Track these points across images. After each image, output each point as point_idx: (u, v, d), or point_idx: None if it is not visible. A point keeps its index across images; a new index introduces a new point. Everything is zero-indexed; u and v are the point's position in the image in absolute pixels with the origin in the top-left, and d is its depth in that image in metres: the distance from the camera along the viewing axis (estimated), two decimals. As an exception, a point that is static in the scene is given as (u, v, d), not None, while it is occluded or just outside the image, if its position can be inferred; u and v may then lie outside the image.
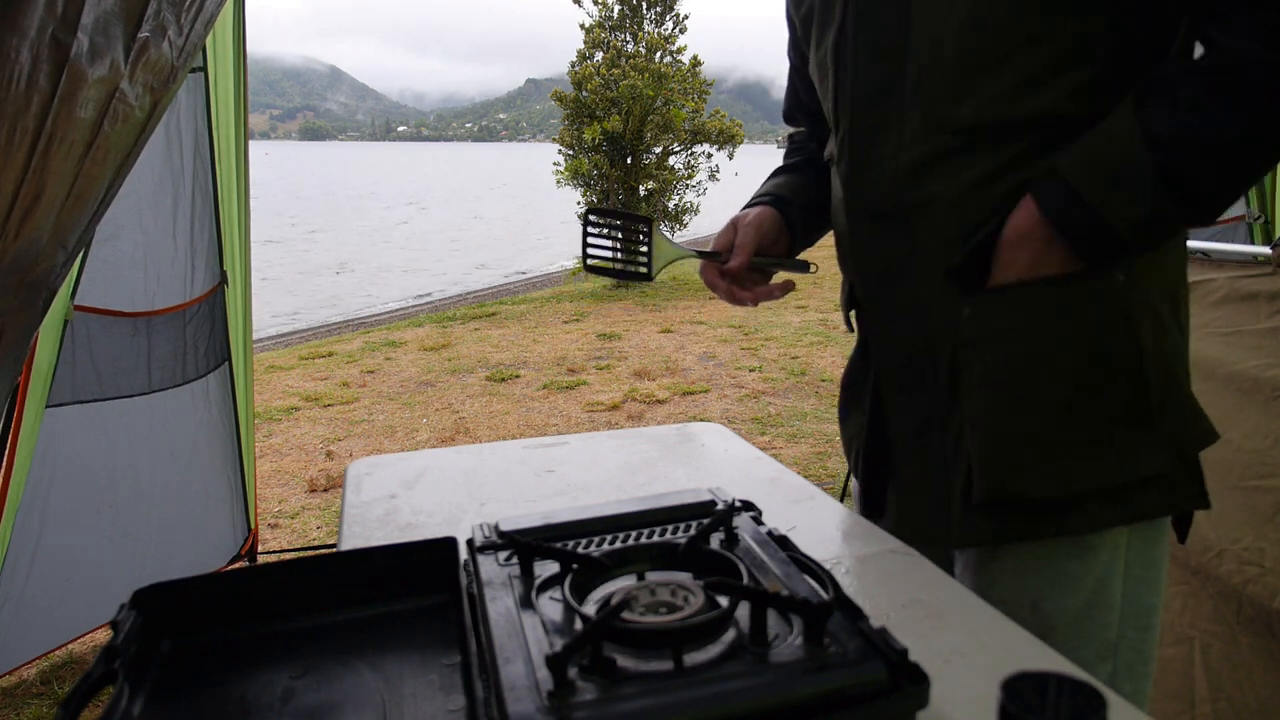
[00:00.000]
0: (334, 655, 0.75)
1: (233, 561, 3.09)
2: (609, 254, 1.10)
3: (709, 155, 11.09)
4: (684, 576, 0.71)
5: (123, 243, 2.45)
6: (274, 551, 3.32)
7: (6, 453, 2.15)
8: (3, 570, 2.27)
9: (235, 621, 0.79)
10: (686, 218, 10.87)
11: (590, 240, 1.10)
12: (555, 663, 0.57)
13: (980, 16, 0.87)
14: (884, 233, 0.99)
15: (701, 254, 1.11)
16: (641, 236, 1.09)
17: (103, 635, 2.72)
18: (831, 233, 1.19)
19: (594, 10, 10.84)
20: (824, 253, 1.41)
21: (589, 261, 1.10)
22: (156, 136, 2.48)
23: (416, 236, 19.67)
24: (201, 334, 2.77)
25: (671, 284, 9.99)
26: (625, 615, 0.63)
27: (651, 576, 0.71)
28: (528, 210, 26.16)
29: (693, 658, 0.60)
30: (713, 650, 0.60)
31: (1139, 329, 0.89)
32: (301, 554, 3.33)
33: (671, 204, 10.74)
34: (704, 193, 11.15)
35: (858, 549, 0.94)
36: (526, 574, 0.73)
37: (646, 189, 10.50)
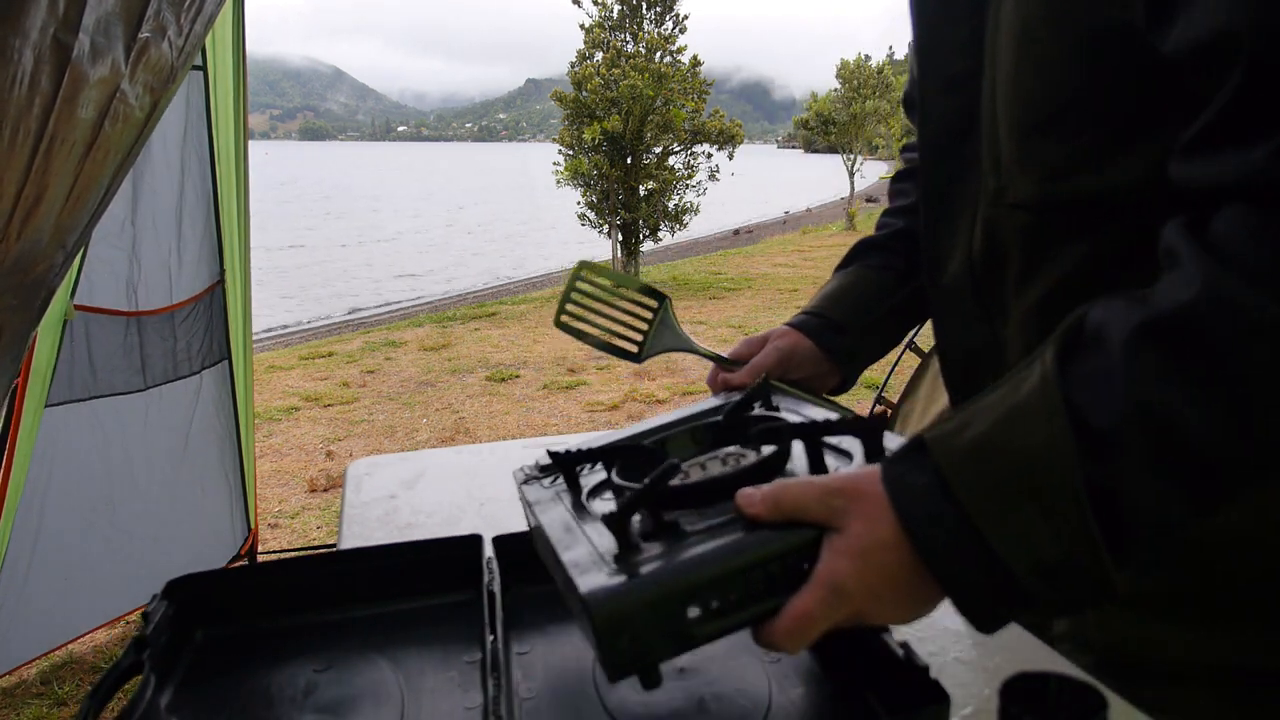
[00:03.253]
0: (357, 650, 0.76)
1: (232, 561, 3.09)
2: (591, 317, 0.90)
3: (709, 155, 11.09)
4: (732, 447, 0.66)
5: (119, 241, 2.45)
6: (274, 551, 3.32)
7: (5, 452, 2.15)
8: (2, 570, 2.27)
9: (264, 614, 0.80)
10: (686, 218, 10.87)
11: (574, 298, 0.90)
12: (615, 521, 0.54)
13: (1034, 62, 0.66)
14: (963, 316, 0.79)
15: (712, 356, 0.90)
16: (649, 313, 0.89)
17: (103, 635, 2.72)
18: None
19: (594, 10, 10.84)
20: (824, 253, 1.41)
21: (562, 318, 0.89)
22: (155, 135, 2.48)
23: (426, 240, 19.66)
24: (198, 332, 2.77)
25: (671, 284, 10.00)
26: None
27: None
28: (528, 210, 26.18)
29: None
30: None
31: None
32: (303, 553, 3.33)
33: (671, 204, 10.74)
34: (704, 193, 11.15)
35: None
36: (573, 486, 0.69)
37: (646, 189, 10.50)
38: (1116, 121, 0.64)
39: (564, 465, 0.68)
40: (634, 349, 0.89)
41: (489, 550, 0.82)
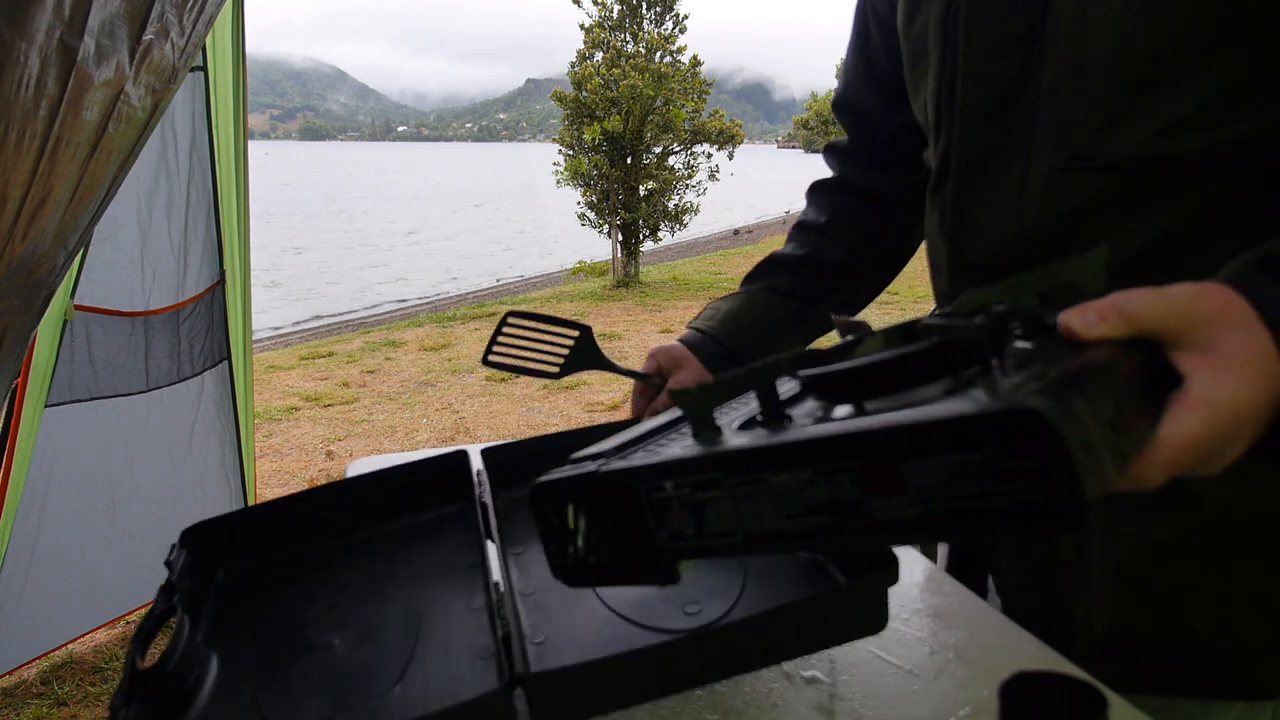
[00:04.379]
0: (366, 569, 0.82)
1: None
2: (518, 352, 0.99)
3: (709, 155, 11.09)
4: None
5: (120, 241, 2.46)
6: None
7: (5, 453, 2.15)
8: (2, 570, 2.27)
9: (277, 547, 0.86)
10: (686, 218, 10.87)
11: (501, 339, 0.99)
12: (991, 335, 0.43)
13: (1159, 6, 0.62)
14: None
15: (628, 373, 0.97)
16: (568, 340, 0.98)
17: (103, 635, 2.73)
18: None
19: (594, 10, 10.84)
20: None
21: (490, 358, 0.99)
22: (155, 135, 2.48)
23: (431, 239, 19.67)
24: (199, 332, 2.78)
25: (671, 284, 10.00)
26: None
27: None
28: (527, 211, 26.16)
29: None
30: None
31: None
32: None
33: (671, 204, 10.75)
34: (704, 193, 11.15)
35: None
36: (710, 428, 0.50)
37: (646, 189, 10.50)
38: (1245, 72, 0.61)
39: (700, 401, 0.47)
40: (554, 370, 0.97)
41: (477, 463, 0.87)
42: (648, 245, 10.97)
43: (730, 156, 11.16)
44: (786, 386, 0.54)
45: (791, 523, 0.42)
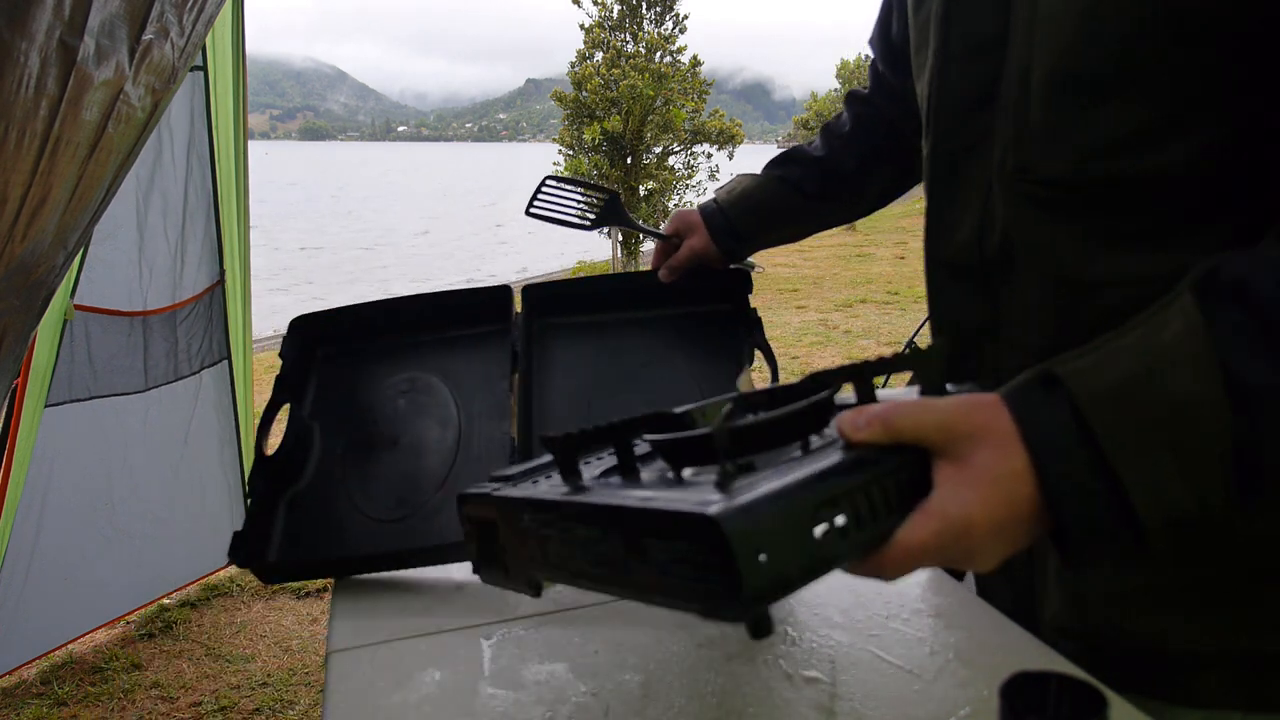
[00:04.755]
0: (419, 364, 1.09)
1: (232, 561, 3.09)
2: (556, 207, 1.15)
3: (709, 155, 11.10)
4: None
5: (119, 241, 2.46)
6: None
7: (5, 452, 2.15)
8: (2, 570, 2.27)
9: (360, 338, 1.13)
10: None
11: (540, 197, 1.15)
12: (710, 446, 0.49)
13: (1093, 27, 0.63)
14: (963, 290, 0.78)
15: (650, 232, 1.13)
16: (599, 201, 1.14)
17: (103, 635, 2.73)
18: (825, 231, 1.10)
19: (594, 10, 10.84)
20: (823, 253, 1.42)
21: (531, 210, 1.15)
22: (155, 135, 2.48)
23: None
24: (198, 332, 2.78)
25: (671, 284, 9.98)
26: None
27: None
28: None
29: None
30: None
31: None
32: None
33: (671, 204, 10.75)
34: (704, 193, 11.16)
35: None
36: (572, 476, 0.59)
37: (646, 189, 10.51)
38: (1180, 98, 0.61)
39: (564, 449, 0.57)
40: (587, 224, 1.14)
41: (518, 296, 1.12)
42: (648, 245, 10.98)
43: (730, 156, 11.16)
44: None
45: (593, 569, 0.51)
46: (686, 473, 0.53)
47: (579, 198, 1.14)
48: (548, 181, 1.16)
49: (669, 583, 0.46)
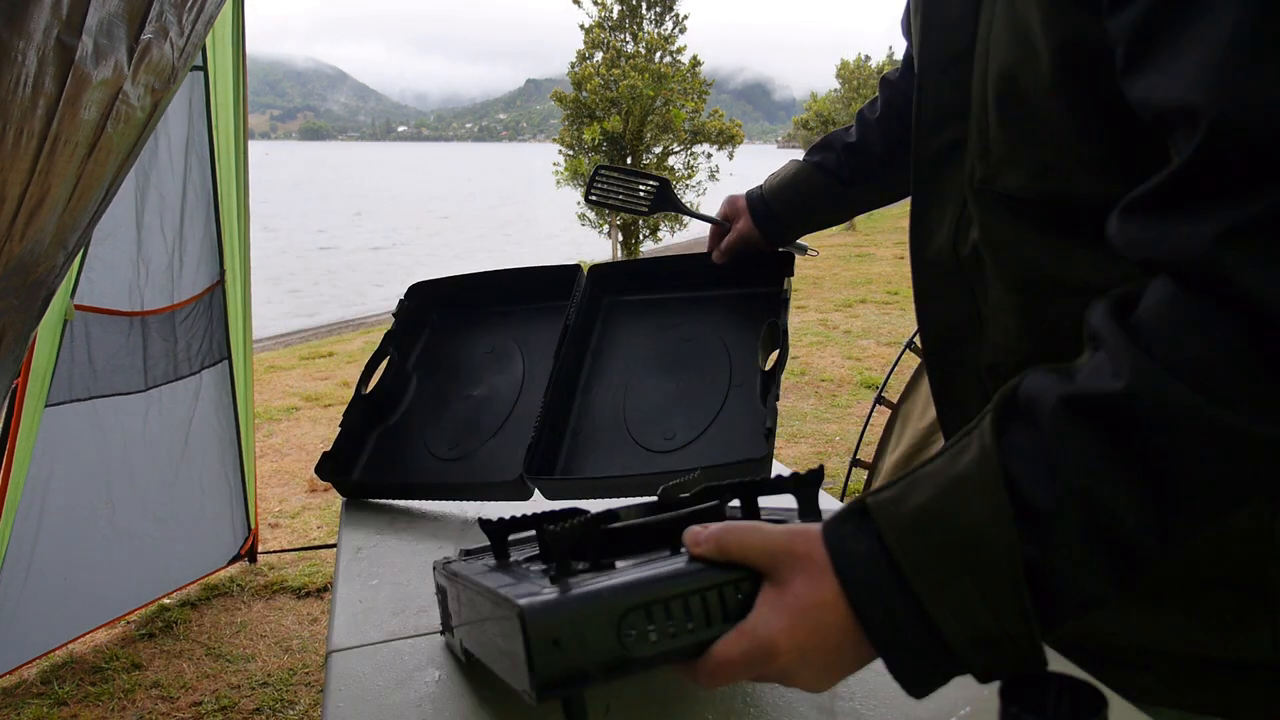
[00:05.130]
0: (509, 331, 1.30)
1: (232, 561, 3.10)
2: (612, 192, 1.27)
3: (709, 155, 11.10)
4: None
5: (119, 241, 2.45)
6: (274, 551, 3.32)
7: (5, 452, 2.15)
8: (2, 570, 2.27)
9: (466, 305, 1.35)
10: (686, 217, 10.88)
11: (596, 185, 1.27)
12: (552, 548, 0.56)
13: (1026, 51, 0.65)
14: (945, 292, 0.81)
15: (703, 217, 1.23)
16: (651, 188, 1.26)
17: (103, 635, 2.72)
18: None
19: (594, 10, 10.84)
20: (823, 252, 1.43)
21: (591, 197, 1.27)
22: (155, 135, 2.48)
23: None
24: (198, 331, 2.77)
25: (671, 284, 9.97)
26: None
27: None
28: (523, 211, 26.10)
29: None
30: None
31: None
32: (302, 552, 3.33)
33: (671, 204, 10.75)
34: (704, 193, 11.16)
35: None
36: (502, 556, 0.72)
37: (646, 189, 10.50)
38: (1090, 137, 0.64)
39: (495, 533, 0.71)
40: (644, 209, 1.25)
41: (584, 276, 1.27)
42: (647, 245, 10.98)
43: (730, 156, 11.16)
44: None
45: (466, 636, 0.66)
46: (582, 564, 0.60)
47: (632, 184, 1.26)
48: (601, 171, 1.26)
49: (503, 658, 0.54)
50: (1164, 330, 0.46)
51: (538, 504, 1.03)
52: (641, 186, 1.25)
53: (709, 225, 1.22)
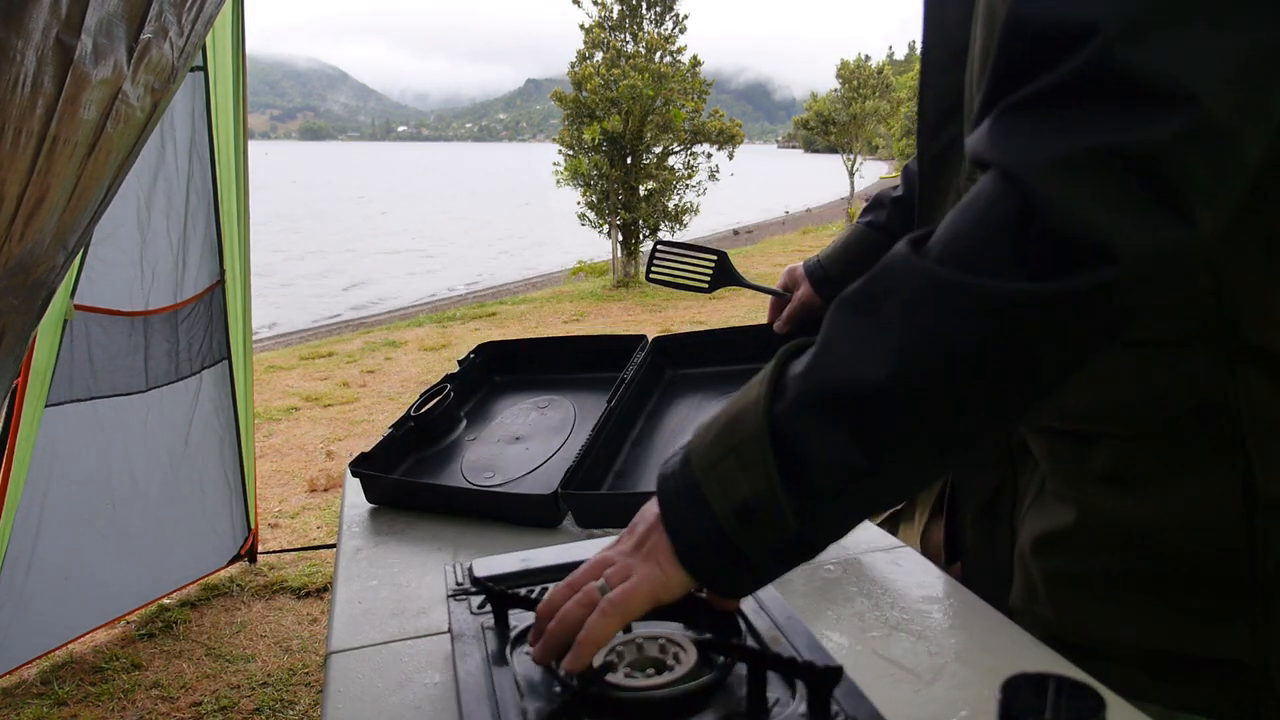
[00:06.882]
0: (565, 389, 1.37)
1: (232, 561, 3.10)
2: (672, 271, 1.30)
3: (709, 155, 11.08)
4: (674, 628, 0.65)
5: (120, 241, 2.45)
6: (274, 551, 3.32)
7: (5, 452, 2.15)
8: (2, 570, 2.27)
9: (525, 370, 1.45)
10: (686, 218, 10.87)
11: (656, 262, 1.30)
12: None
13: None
14: None
15: (765, 289, 1.26)
16: (710, 263, 1.28)
17: (103, 635, 2.72)
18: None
19: (594, 10, 10.83)
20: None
21: (651, 276, 1.31)
22: (155, 135, 2.48)
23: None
24: (198, 331, 2.77)
25: (671, 284, 9.98)
26: (609, 679, 0.59)
27: (639, 628, 0.64)
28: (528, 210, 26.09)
29: None
30: (707, 718, 0.57)
31: (1252, 465, 0.65)
32: (302, 552, 3.33)
33: (671, 204, 10.74)
34: (704, 193, 11.14)
35: (857, 549, 0.94)
36: (501, 625, 0.69)
37: (646, 189, 10.49)
38: None
39: (497, 605, 0.69)
40: (704, 285, 1.28)
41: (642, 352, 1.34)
42: (647, 245, 10.97)
43: (730, 156, 11.15)
44: None
45: None
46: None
47: (691, 259, 1.28)
48: (659, 246, 1.30)
49: None
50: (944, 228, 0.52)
51: (566, 533, 1.03)
52: (700, 262, 1.27)
53: (766, 294, 1.25)
